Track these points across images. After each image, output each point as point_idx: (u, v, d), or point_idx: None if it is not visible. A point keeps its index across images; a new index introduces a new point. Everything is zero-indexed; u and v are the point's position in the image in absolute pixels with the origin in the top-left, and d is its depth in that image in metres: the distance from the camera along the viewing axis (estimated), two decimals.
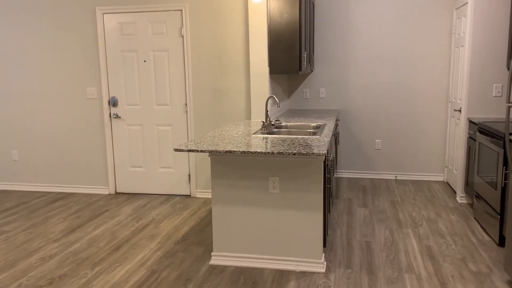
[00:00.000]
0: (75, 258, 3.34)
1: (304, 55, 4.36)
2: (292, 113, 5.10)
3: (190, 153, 4.82)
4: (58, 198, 4.93)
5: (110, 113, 4.92)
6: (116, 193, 5.08)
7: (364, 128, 5.54)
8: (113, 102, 4.89)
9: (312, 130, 3.75)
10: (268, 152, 2.75)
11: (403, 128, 5.42)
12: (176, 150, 2.84)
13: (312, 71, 5.53)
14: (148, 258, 3.32)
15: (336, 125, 5.23)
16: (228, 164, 3.08)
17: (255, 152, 2.76)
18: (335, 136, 5.04)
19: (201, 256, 3.34)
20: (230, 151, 2.80)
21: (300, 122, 4.19)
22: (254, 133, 3.49)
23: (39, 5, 4.90)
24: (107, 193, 5.08)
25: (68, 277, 3.03)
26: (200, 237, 3.72)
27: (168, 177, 4.92)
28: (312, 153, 2.71)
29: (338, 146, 5.66)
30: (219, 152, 2.81)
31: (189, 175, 4.86)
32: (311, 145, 2.96)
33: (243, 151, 2.78)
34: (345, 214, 4.22)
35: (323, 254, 3.15)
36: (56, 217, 4.29)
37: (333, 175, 4.03)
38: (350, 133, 5.59)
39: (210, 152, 2.83)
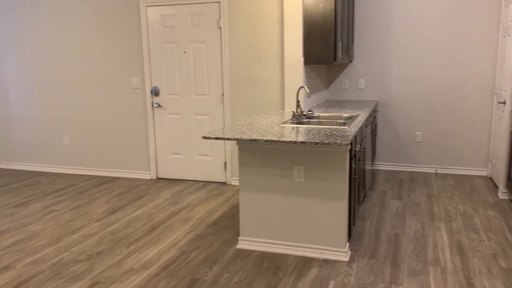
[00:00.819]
0: (113, 237, 3.58)
1: (339, 45, 4.35)
2: (329, 103, 5.09)
3: (226, 141, 4.96)
4: (104, 182, 5.26)
5: (152, 102, 5.15)
6: (157, 178, 5.33)
7: (404, 120, 5.43)
8: (155, 92, 5.12)
9: (343, 121, 3.75)
10: (291, 141, 2.81)
11: (446, 121, 5.26)
12: (204, 137, 2.97)
13: (351, 61, 5.48)
14: (180, 240, 3.50)
15: (374, 116, 5.18)
16: (254, 152, 3.17)
17: (278, 141, 2.83)
18: (373, 128, 4.99)
19: (229, 240, 3.47)
20: (254, 140, 2.89)
21: (333, 112, 4.20)
22: (283, 123, 3.56)
23: None
24: (149, 178, 5.34)
25: (105, 254, 3.27)
26: (230, 222, 3.85)
27: (205, 165, 5.09)
28: (334, 143, 2.73)
29: (377, 138, 5.58)
30: (244, 140, 2.90)
31: (225, 163, 5.00)
32: (336, 135, 2.98)
33: (267, 140, 2.86)
34: (378, 206, 4.19)
35: (348, 243, 3.18)
36: (100, 199, 4.59)
37: (364, 166, 4.02)
38: (389, 124, 5.50)
39: (236, 140, 2.93)
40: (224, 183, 5.06)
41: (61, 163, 5.74)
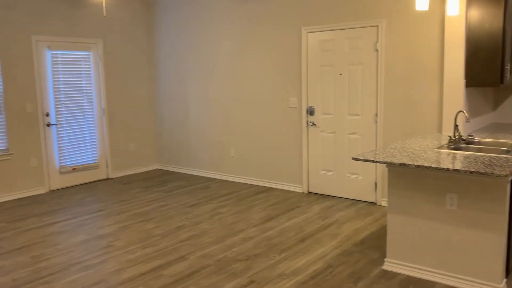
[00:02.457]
0: (267, 243, 3.99)
1: (508, 66, 4.06)
2: (495, 127, 4.74)
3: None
4: (261, 191, 5.79)
5: (307, 121, 5.51)
6: (309, 192, 5.65)
7: None
8: (311, 111, 5.47)
9: (507, 149, 3.51)
10: (443, 168, 2.80)
11: None
12: (354, 159, 3.15)
13: None
14: (327, 253, 3.72)
15: None
16: (404, 176, 3.21)
17: (429, 167, 2.85)
18: None
19: (375, 260, 3.56)
20: (404, 164, 2.95)
21: (497, 138, 3.94)
22: (438, 148, 3.51)
23: (258, 25, 5.84)
24: (301, 191, 5.70)
25: (260, 257, 3.68)
26: (377, 242, 3.92)
27: (355, 183, 5.22)
28: (491, 173, 2.64)
29: None
30: (394, 164, 2.99)
31: (376, 183, 5.06)
32: (495, 164, 2.86)
33: (417, 165, 2.90)
34: None
35: (505, 279, 2.99)
36: (258, 207, 5.10)
37: None
38: None
39: (386, 163, 3.04)
40: (373, 203, 5.11)
41: (227, 171, 6.51)
